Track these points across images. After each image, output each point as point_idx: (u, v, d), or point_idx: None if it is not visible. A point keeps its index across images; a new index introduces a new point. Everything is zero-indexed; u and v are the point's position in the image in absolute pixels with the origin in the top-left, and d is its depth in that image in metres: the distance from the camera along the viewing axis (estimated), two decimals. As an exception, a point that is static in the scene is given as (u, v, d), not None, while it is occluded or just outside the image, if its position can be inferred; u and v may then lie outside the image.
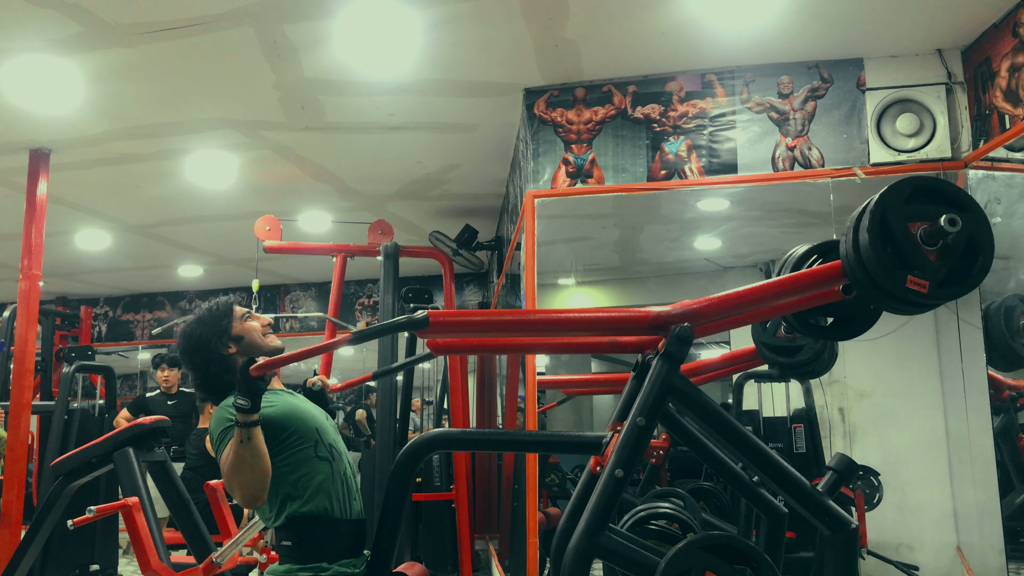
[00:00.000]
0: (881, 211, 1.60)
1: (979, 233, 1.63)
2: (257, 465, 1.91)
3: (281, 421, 2.10)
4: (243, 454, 1.89)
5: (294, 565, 2.03)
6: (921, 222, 1.61)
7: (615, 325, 1.85)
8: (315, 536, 2.05)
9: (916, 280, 1.59)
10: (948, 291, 1.62)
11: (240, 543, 3.02)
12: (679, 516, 2.79)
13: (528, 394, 3.53)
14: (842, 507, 1.74)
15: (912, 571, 3.83)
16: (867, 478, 3.79)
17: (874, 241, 1.59)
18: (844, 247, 1.67)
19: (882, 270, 1.59)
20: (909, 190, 1.63)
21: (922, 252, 1.60)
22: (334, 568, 2.03)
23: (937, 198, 1.64)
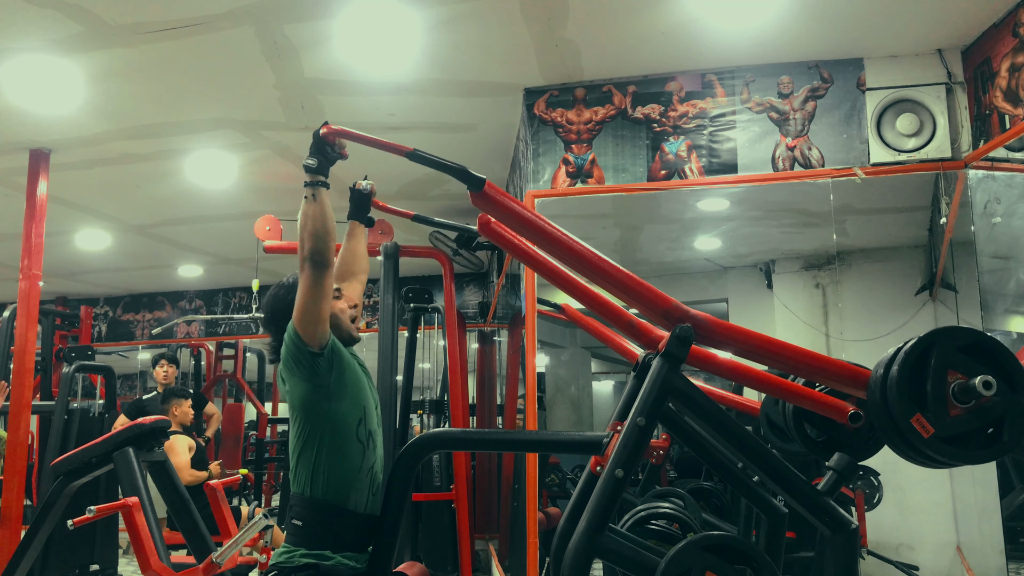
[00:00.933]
0: (928, 343, 1.56)
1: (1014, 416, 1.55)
2: (320, 219, 1.99)
3: (350, 367, 2.12)
4: (308, 210, 2.00)
5: (299, 548, 2.03)
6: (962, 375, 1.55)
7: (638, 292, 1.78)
8: (327, 523, 2.05)
9: (922, 421, 1.54)
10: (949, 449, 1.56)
11: (240, 543, 3.02)
12: (679, 516, 2.79)
13: (528, 393, 3.53)
14: (842, 507, 1.73)
15: (912, 571, 3.83)
16: (867, 478, 3.79)
17: (906, 366, 1.55)
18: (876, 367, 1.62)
19: (898, 395, 1.54)
20: (968, 341, 1.58)
21: (945, 400, 1.55)
22: (337, 558, 2.03)
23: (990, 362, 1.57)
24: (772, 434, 2.34)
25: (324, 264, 2.00)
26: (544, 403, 4.96)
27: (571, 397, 5.35)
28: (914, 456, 1.63)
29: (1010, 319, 3.44)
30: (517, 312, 4.25)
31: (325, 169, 2.05)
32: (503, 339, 6.26)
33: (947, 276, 3.88)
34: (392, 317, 4.13)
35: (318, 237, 1.99)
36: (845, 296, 4.30)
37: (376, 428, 2.21)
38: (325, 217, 2.01)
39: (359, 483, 2.10)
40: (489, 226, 1.93)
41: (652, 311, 1.80)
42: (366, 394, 2.18)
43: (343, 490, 2.07)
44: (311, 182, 2.02)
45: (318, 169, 2.03)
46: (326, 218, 2.01)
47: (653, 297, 1.79)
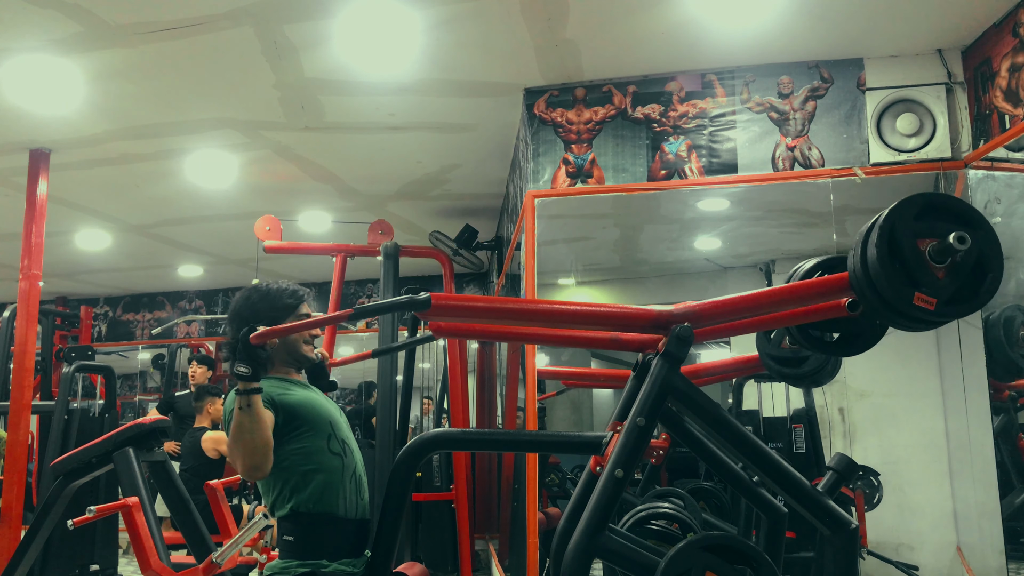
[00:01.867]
0: (890, 227, 1.60)
1: (989, 251, 1.61)
2: (256, 431, 1.92)
3: (296, 410, 2.11)
4: (243, 421, 1.91)
5: (294, 560, 2.03)
6: (930, 239, 1.60)
7: (617, 321, 1.85)
8: (318, 533, 2.05)
9: (924, 297, 1.58)
10: (956, 309, 1.61)
11: (240, 543, 3.01)
12: (679, 516, 2.79)
13: (528, 393, 3.53)
14: (842, 507, 1.74)
15: (912, 571, 3.83)
16: (867, 478, 3.79)
17: (882, 257, 1.58)
18: (852, 262, 1.66)
19: (890, 286, 1.58)
20: (919, 206, 1.62)
21: (930, 269, 1.59)
22: (334, 566, 2.03)
23: (947, 215, 1.63)
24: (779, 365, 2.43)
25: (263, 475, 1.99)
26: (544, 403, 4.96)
27: (571, 397, 5.35)
28: (926, 327, 1.67)
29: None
30: (517, 312, 4.24)
31: (259, 375, 1.94)
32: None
33: (947, 276, 3.87)
34: (392, 317, 4.13)
35: (256, 452, 1.94)
36: (845, 296, 4.29)
37: (348, 435, 2.22)
38: (261, 428, 1.94)
39: (344, 489, 2.11)
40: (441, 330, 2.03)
41: (640, 328, 1.86)
42: (324, 414, 2.18)
43: (330, 499, 2.07)
44: (244, 390, 1.91)
45: (252, 376, 1.91)
46: (262, 429, 1.94)
47: (635, 316, 1.84)
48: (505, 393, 5.76)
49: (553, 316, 1.84)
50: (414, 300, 1.71)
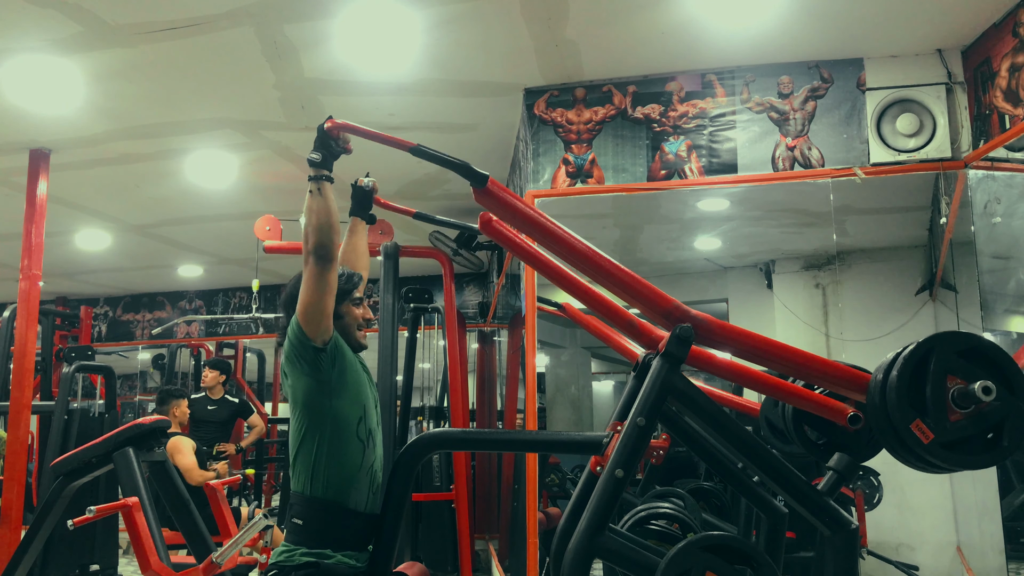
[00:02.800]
0: (926, 350, 1.56)
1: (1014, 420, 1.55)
2: (324, 213, 2.00)
3: (352, 366, 2.13)
4: (312, 204, 2.01)
5: (299, 547, 2.04)
6: (961, 380, 1.55)
7: (639, 291, 1.78)
8: (327, 522, 2.05)
9: (922, 427, 1.54)
10: (949, 455, 1.55)
11: (240, 543, 3.02)
12: (679, 516, 2.79)
13: (528, 393, 3.53)
14: (842, 507, 1.73)
15: (912, 571, 3.83)
16: (867, 478, 3.79)
17: (905, 371, 1.55)
18: (876, 371, 1.62)
19: (897, 401, 1.54)
20: (966, 345, 1.58)
21: (945, 406, 1.55)
22: (338, 557, 2.03)
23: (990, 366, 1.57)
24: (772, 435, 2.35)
25: (328, 258, 2.01)
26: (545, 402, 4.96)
27: (571, 397, 5.36)
28: (913, 461, 1.63)
29: (1010, 319, 3.44)
30: (517, 312, 4.26)
31: (329, 163, 2.05)
32: (503, 339, 6.26)
33: (947, 276, 3.88)
34: (392, 317, 4.12)
35: (322, 231, 2.00)
36: (845, 296, 4.30)
37: (376, 427, 2.22)
38: (329, 212, 2.02)
39: (359, 482, 2.10)
40: (491, 224, 1.92)
41: (653, 311, 1.80)
42: (366, 393, 2.18)
43: (343, 489, 2.07)
44: (315, 176, 2.03)
45: (322, 163, 2.03)
46: (330, 212, 2.02)
47: (654, 297, 1.79)
48: (505, 393, 5.76)
49: (587, 259, 1.77)
50: (473, 170, 1.73)
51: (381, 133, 1.93)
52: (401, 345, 5.03)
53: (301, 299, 2.03)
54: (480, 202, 1.79)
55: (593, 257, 1.79)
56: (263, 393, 8.89)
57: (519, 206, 1.78)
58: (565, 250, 1.80)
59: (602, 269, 1.79)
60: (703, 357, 1.84)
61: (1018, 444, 1.55)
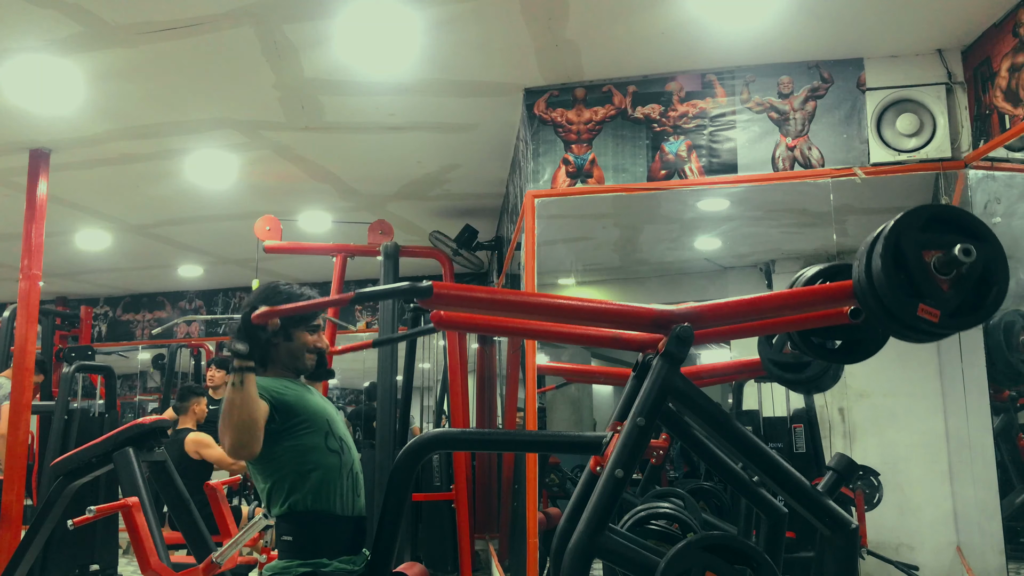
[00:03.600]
0: (895, 238, 1.59)
1: (994, 263, 1.61)
2: (247, 409, 1.94)
3: (294, 406, 2.12)
4: (234, 398, 1.94)
5: (294, 560, 2.04)
6: (935, 250, 1.59)
7: (618, 318, 1.84)
8: (316, 532, 2.05)
9: (928, 309, 1.57)
10: (959, 321, 1.61)
11: (240, 543, 3.01)
12: (679, 516, 2.79)
13: (528, 393, 3.53)
14: (842, 507, 1.74)
15: (912, 571, 3.83)
16: (867, 478, 3.79)
17: (887, 268, 1.57)
18: (856, 272, 1.65)
19: (894, 297, 1.57)
20: (924, 218, 1.61)
21: (935, 281, 1.59)
22: (334, 564, 2.04)
23: (952, 227, 1.62)
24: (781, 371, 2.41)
25: (250, 455, 1.99)
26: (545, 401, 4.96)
27: (571, 397, 5.35)
28: (928, 339, 1.66)
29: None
30: (517, 312, 4.25)
31: (255, 355, 1.97)
32: (503, 339, 6.26)
33: (947, 276, 3.87)
34: (392, 317, 4.13)
35: (244, 429, 1.95)
36: (845, 296, 4.29)
37: (344, 433, 2.24)
38: (251, 407, 1.96)
39: (341, 487, 2.11)
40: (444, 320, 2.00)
41: (641, 327, 1.85)
42: (321, 413, 2.19)
43: (327, 497, 2.08)
44: (239, 367, 1.94)
45: (249, 355, 1.94)
46: (252, 408, 1.96)
47: (635, 314, 1.83)
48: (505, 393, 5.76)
49: (555, 311, 1.83)
50: (416, 287, 1.71)
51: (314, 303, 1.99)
52: (401, 345, 5.03)
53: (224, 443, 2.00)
54: (434, 307, 1.83)
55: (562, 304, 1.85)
56: (263, 393, 8.87)
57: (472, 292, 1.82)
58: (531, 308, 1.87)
59: (573, 311, 1.85)
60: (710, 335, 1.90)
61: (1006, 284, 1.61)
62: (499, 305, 1.84)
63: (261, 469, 2.10)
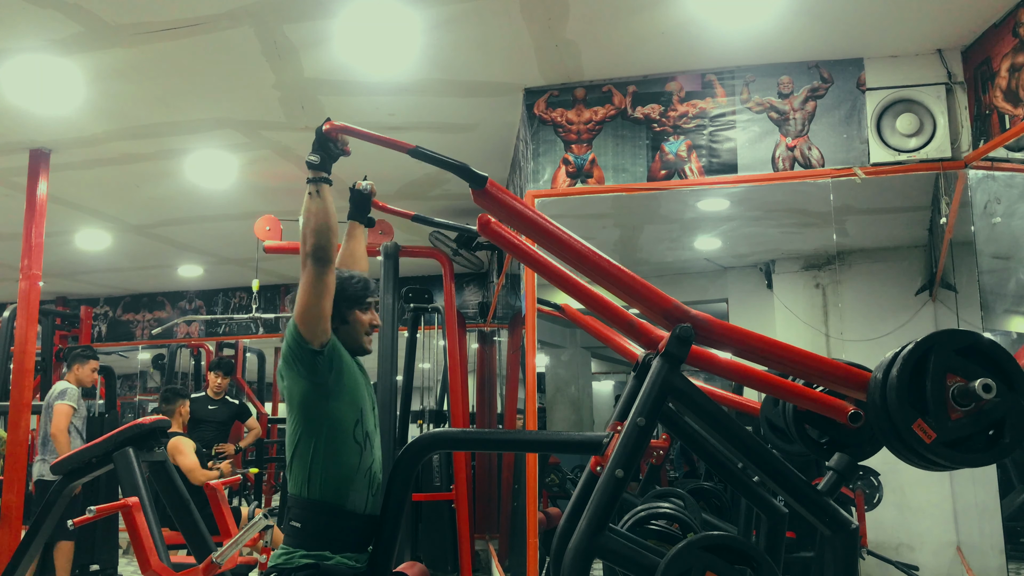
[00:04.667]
0: (925, 349, 1.56)
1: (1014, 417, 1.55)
2: (322, 214, 2.00)
3: (346, 368, 2.11)
4: (310, 206, 2.00)
5: (298, 549, 2.03)
6: (960, 378, 1.55)
7: (644, 296, 1.77)
8: (325, 524, 2.05)
9: (924, 426, 1.54)
10: (953, 454, 1.55)
11: (240, 543, 3.01)
12: (679, 516, 2.79)
13: (528, 393, 3.53)
14: (842, 507, 1.73)
15: (912, 571, 3.83)
16: (867, 478, 3.79)
17: (904, 372, 1.55)
18: (877, 370, 1.62)
19: (899, 403, 1.54)
20: (965, 343, 1.57)
21: (945, 405, 1.55)
22: (337, 558, 2.03)
23: (989, 364, 1.57)
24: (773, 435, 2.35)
25: (326, 260, 2.01)
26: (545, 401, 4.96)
27: (571, 397, 5.36)
28: (915, 460, 1.63)
29: (1010, 319, 3.44)
30: (517, 312, 4.25)
31: (328, 165, 2.04)
32: (503, 339, 6.26)
33: (947, 276, 3.88)
34: (392, 317, 4.12)
35: (321, 233, 1.99)
36: (845, 296, 4.30)
37: (373, 430, 2.21)
38: (328, 214, 2.01)
39: (357, 484, 2.09)
40: (489, 226, 1.91)
41: (653, 311, 1.80)
42: (363, 396, 2.18)
43: (341, 491, 2.06)
44: (314, 178, 2.02)
45: (321, 165, 2.02)
46: (328, 215, 2.01)
47: (654, 297, 1.79)
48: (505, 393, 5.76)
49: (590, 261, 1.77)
50: (471, 171, 1.73)
51: (380, 135, 1.92)
52: (401, 345, 5.03)
53: (299, 301, 2.02)
54: (479, 203, 1.79)
55: (592, 257, 1.78)
56: (263, 393, 8.89)
57: (518, 207, 1.77)
58: (564, 251, 1.79)
59: (601, 270, 1.79)
60: (703, 356, 1.83)
61: (1019, 440, 1.55)
62: (536, 230, 1.75)
63: (302, 417, 2.07)
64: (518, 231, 1.88)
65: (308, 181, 2.02)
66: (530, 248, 1.96)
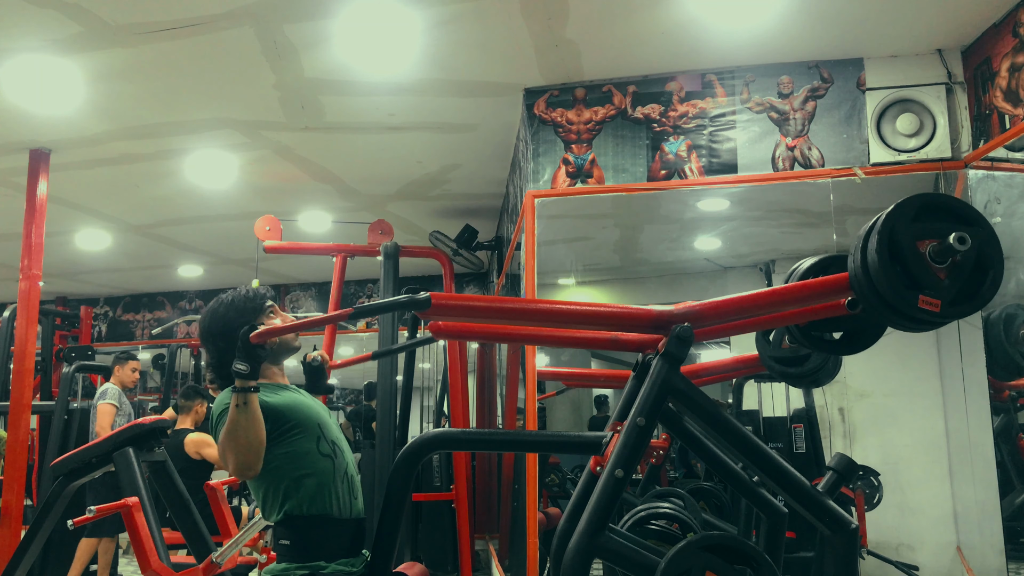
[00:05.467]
0: (889, 229, 1.59)
1: (988, 249, 1.61)
2: (251, 430, 1.93)
3: (284, 412, 2.10)
4: (238, 419, 1.92)
5: (292, 564, 2.03)
6: (930, 240, 1.59)
7: (617, 321, 1.85)
8: (314, 535, 2.05)
9: (928, 300, 1.57)
10: (959, 309, 1.60)
11: (240, 543, 3.02)
12: (679, 516, 2.79)
13: (528, 393, 3.53)
14: (842, 507, 1.74)
15: (912, 571, 3.83)
16: (867, 478, 3.79)
17: (883, 261, 1.57)
18: (852, 265, 1.65)
19: (893, 290, 1.57)
20: (916, 207, 1.61)
21: (932, 271, 1.59)
22: (332, 567, 2.03)
23: (945, 215, 1.62)
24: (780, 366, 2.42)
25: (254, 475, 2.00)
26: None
27: (571, 398, 5.35)
28: (928, 328, 1.66)
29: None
30: (517, 312, 4.25)
31: (256, 373, 1.95)
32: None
33: (947, 276, 3.88)
34: (392, 317, 4.12)
35: (250, 451, 1.95)
36: (845, 296, 4.29)
37: (337, 435, 2.21)
38: (257, 428, 1.95)
39: (337, 490, 2.10)
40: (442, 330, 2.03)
41: (640, 328, 1.85)
42: (312, 415, 2.17)
43: (323, 501, 2.07)
44: (241, 388, 1.92)
45: (250, 374, 1.92)
46: (258, 429, 1.95)
47: (634, 316, 1.83)
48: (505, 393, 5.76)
49: (553, 316, 1.84)
50: (414, 299, 1.69)
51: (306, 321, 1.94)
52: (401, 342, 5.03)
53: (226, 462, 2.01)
54: (432, 317, 1.83)
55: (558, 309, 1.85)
56: (263, 393, 8.87)
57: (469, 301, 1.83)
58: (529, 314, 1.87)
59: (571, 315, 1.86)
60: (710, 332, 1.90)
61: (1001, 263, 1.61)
62: (497, 313, 1.84)
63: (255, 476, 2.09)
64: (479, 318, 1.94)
65: (234, 391, 1.92)
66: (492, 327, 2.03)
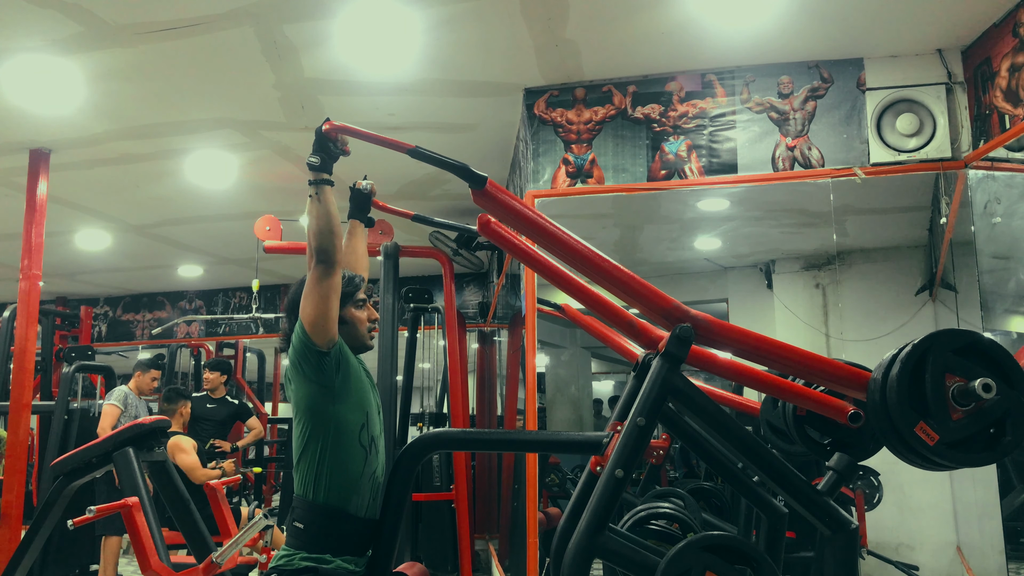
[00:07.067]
0: (923, 351, 1.55)
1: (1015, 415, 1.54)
2: (325, 218, 2.00)
3: (353, 374, 2.11)
4: (313, 210, 2.00)
5: (299, 551, 2.04)
6: (959, 378, 1.55)
7: (644, 296, 1.77)
8: (327, 527, 2.05)
9: (926, 429, 1.53)
10: (956, 455, 1.55)
11: (240, 543, 3.02)
12: (679, 516, 2.79)
13: (528, 393, 3.53)
14: (842, 507, 1.73)
15: (912, 571, 3.83)
16: (867, 478, 3.79)
17: (903, 375, 1.54)
18: (876, 371, 1.62)
19: (899, 406, 1.54)
20: (962, 343, 1.57)
21: (947, 406, 1.54)
22: (337, 562, 2.03)
23: (987, 362, 1.57)
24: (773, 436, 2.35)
25: (330, 262, 2.01)
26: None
27: (571, 397, 5.36)
28: (918, 461, 1.62)
29: (1010, 319, 3.44)
30: (517, 312, 4.26)
31: (328, 167, 2.03)
32: (503, 339, 6.26)
33: (947, 276, 3.88)
34: (392, 317, 4.12)
35: (323, 235, 2.00)
36: (845, 296, 4.30)
37: (379, 434, 2.21)
38: (330, 216, 2.01)
39: (360, 488, 2.09)
40: (489, 226, 1.91)
41: (653, 311, 1.80)
42: (369, 399, 2.18)
43: (344, 494, 2.07)
44: (315, 180, 2.02)
45: (321, 167, 2.02)
46: (331, 216, 2.01)
47: (654, 297, 1.79)
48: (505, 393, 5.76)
49: (590, 261, 1.76)
50: (471, 172, 1.72)
51: (379, 135, 1.92)
52: (401, 345, 5.03)
53: (305, 303, 2.03)
54: (479, 203, 1.79)
55: (592, 258, 1.78)
56: (263, 393, 8.89)
57: (518, 207, 1.77)
58: (564, 251, 1.79)
59: (601, 269, 1.79)
60: (703, 356, 1.83)
61: (1021, 438, 1.55)
62: (536, 230, 1.75)
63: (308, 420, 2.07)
64: (518, 231, 1.88)
65: (310, 183, 2.02)
66: (530, 248, 1.96)
